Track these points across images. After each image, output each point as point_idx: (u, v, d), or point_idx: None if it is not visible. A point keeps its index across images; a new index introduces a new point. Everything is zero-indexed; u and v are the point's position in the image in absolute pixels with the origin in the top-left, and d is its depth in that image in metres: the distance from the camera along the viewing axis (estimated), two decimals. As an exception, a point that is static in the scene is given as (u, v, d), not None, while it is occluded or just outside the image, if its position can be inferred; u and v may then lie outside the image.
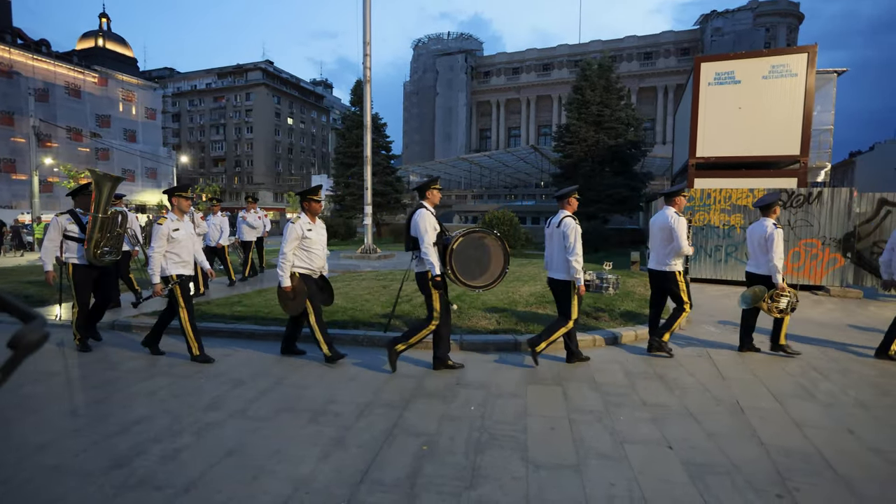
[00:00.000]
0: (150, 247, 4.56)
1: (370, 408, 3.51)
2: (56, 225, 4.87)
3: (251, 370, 4.32)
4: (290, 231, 4.41)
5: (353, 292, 7.80)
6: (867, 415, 3.59)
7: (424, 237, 4.09)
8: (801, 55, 11.29)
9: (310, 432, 3.11)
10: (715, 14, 50.90)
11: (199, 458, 2.77)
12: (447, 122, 60.32)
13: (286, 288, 4.38)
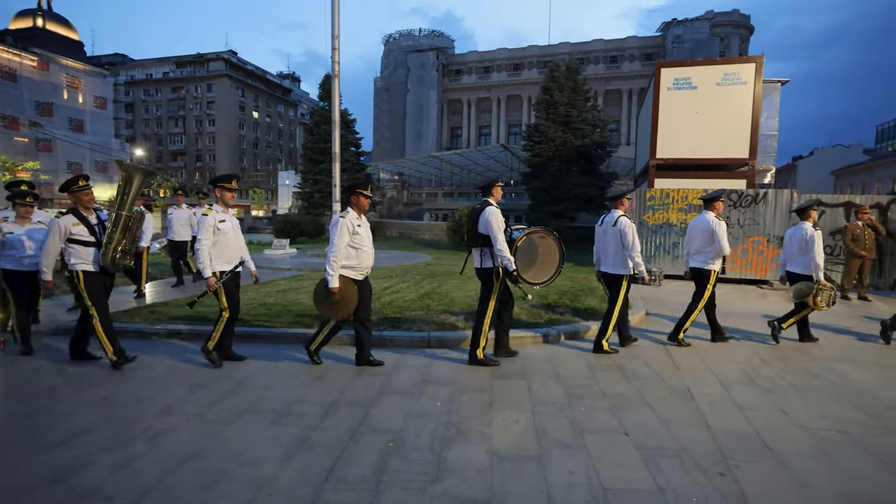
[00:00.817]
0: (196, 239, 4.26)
1: (336, 407, 3.55)
2: (58, 229, 4.17)
3: (213, 373, 4.25)
4: (340, 227, 4.15)
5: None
6: (799, 397, 3.90)
7: (499, 235, 4.28)
8: (749, 65, 11.90)
9: (273, 433, 3.12)
10: (675, 22, 52.72)
11: (153, 466, 2.70)
12: (418, 119, 60.18)
13: (333, 289, 4.09)
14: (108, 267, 4.32)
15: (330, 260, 4.11)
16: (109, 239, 4.28)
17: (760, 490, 2.55)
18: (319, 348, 4.50)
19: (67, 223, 4.22)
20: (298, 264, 11.90)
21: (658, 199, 10.63)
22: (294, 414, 3.41)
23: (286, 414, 3.41)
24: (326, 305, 4.22)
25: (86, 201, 4.35)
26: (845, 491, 2.57)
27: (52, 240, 4.20)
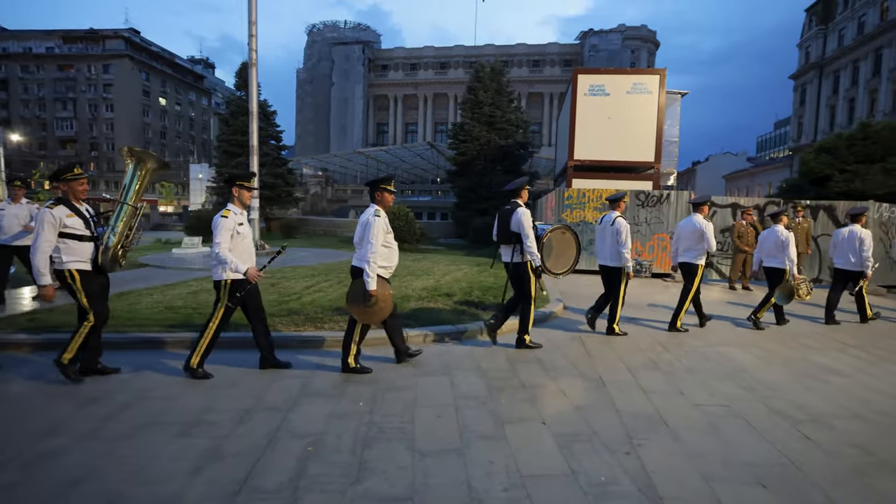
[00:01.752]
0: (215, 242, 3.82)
1: (251, 413, 3.37)
2: (51, 220, 3.65)
3: (108, 385, 3.84)
4: (376, 225, 3.96)
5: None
6: (693, 378, 4.33)
7: (530, 234, 4.71)
8: (654, 76, 12.98)
9: (179, 446, 2.89)
10: (592, 32, 56.10)
11: (30, 497, 2.38)
12: (343, 113, 58.71)
13: (372, 292, 3.91)
14: (106, 265, 3.87)
15: (369, 261, 3.91)
16: (112, 233, 3.86)
17: (659, 464, 2.79)
18: (358, 355, 4.20)
19: (61, 214, 3.69)
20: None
21: (575, 198, 11.25)
22: (204, 423, 3.19)
23: (194, 424, 3.18)
24: (361, 310, 4.01)
25: (80, 191, 3.87)
26: (728, 458, 2.88)
27: (45, 234, 3.63)
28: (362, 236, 4.05)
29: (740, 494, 2.52)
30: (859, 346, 5.70)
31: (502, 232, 4.93)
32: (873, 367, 4.87)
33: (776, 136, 64.87)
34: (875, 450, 3.06)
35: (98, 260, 3.84)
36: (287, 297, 6.95)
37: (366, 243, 3.98)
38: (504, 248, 5.00)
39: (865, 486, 2.65)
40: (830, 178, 16.33)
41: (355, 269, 4.12)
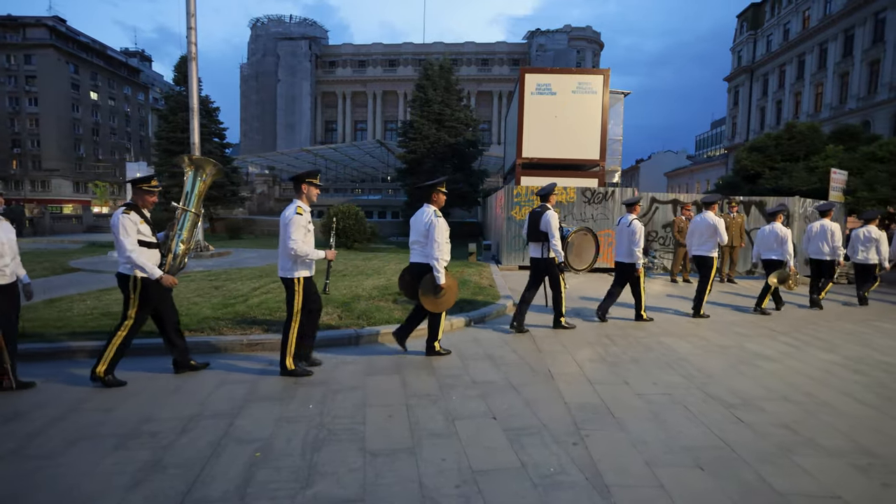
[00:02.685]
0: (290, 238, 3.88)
1: (196, 421, 3.21)
2: (132, 227, 3.70)
3: (35, 398, 3.56)
4: (441, 225, 4.40)
5: (178, 296, 6.90)
6: (638, 368, 4.52)
7: (556, 234, 5.45)
8: (599, 76, 13.44)
9: (115, 460, 2.71)
10: (539, 32, 57.31)
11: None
12: (290, 111, 57.01)
13: (443, 284, 4.34)
14: (173, 272, 3.97)
15: (437, 257, 4.36)
16: (179, 240, 3.97)
17: (605, 453, 2.89)
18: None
19: (136, 220, 3.75)
20: (151, 267, 10.50)
21: (524, 195, 11.47)
22: (143, 434, 3.01)
23: (133, 436, 2.99)
24: (432, 300, 4.44)
25: (150, 202, 3.95)
26: (669, 444, 3.02)
27: (131, 238, 3.69)
28: (425, 235, 4.47)
29: (680, 477, 2.65)
30: (786, 333, 6.15)
31: (532, 231, 5.67)
32: (799, 353, 5.26)
33: (713, 135, 68.93)
34: (799, 429, 3.31)
35: (165, 267, 3.92)
36: (233, 300, 6.67)
37: (431, 241, 4.39)
38: (533, 245, 5.75)
39: (790, 462, 2.85)
40: (761, 175, 17.52)
41: (419, 266, 4.55)
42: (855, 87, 31.67)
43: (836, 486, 2.60)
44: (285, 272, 4.07)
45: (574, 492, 2.50)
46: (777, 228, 7.36)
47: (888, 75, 29.05)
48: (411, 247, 4.69)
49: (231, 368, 4.25)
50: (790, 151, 17.38)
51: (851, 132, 18.61)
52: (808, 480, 2.65)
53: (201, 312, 5.82)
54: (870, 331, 6.42)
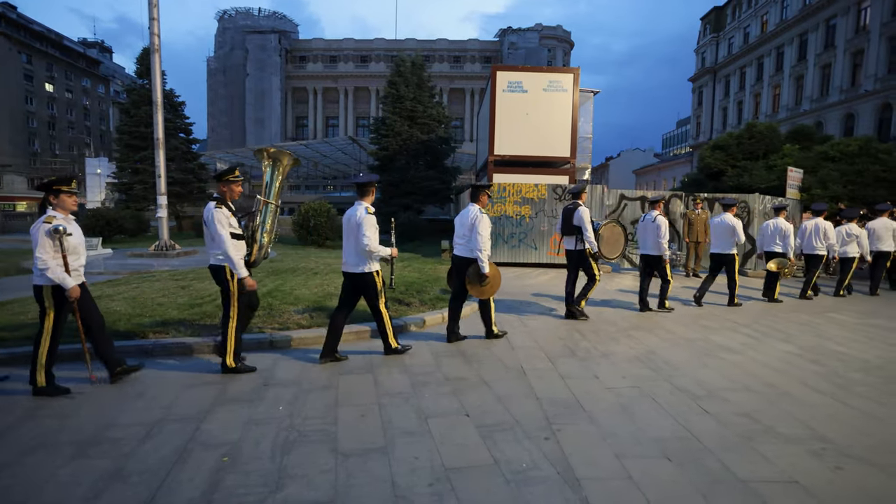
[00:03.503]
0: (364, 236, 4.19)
1: (160, 426, 3.10)
2: (225, 220, 3.83)
3: (-16, 406, 3.37)
4: (485, 221, 4.92)
5: (142, 296, 6.68)
6: (607, 362, 4.61)
7: (588, 228, 6.11)
8: (569, 75, 13.62)
9: (73, 470, 2.59)
10: (511, 30, 57.65)
11: None
12: (259, 106, 55.64)
13: (487, 273, 4.88)
14: (258, 262, 4.20)
15: (482, 248, 4.85)
16: (263, 231, 4.16)
17: (577, 447, 2.94)
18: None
19: (227, 214, 3.87)
20: (115, 266, 10.11)
21: (496, 192, 11.53)
22: (104, 442, 2.88)
23: (92, 443, 2.86)
24: (478, 288, 4.98)
25: (237, 193, 4.06)
26: (638, 436, 3.10)
27: (226, 233, 3.81)
28: (470, 229, 4.96)
29: (648, 468, 2.71)
30: (748, 325, 6.38)
31: (566, 225, 6.31)
32: (760, 344, 5.47)
33: (679, 134, 70.85)
34: (760, 417, 3.44)
35: (251, 258, 4.11)
36: (200, 300, 6.48)
37: (475, 235, 4.89)
38: (567, 238, 6.37)
39: (751, 449, 2.96)
40: (724, 172, 18.12)
41: (462, 259, 5.09)
42: (809, 89, 33.10)
43: (794, 471, 2.71)
44: (356, 267, 4.38)
45: (546, 486, 2.52)
46: (781, 224, 8.18)
47: (839, 79, 30.49)
48: (455, 242, 5.19)
49: (199, 370, 4.13)
50: (750, 150, 18.04)
51: (806, 132, 19.45)
52: (768, 467, 2.76)
53: (167, 314, 5.62)
54: (824, 322, 6.74)
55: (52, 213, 3.50)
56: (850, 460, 2.86)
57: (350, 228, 4.35)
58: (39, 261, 3.37)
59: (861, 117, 28.73)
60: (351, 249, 4.37)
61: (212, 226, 3.84)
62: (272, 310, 5.90)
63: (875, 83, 27.78)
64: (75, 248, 3.56)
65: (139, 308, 5.86)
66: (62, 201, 3.55)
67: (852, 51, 29.75)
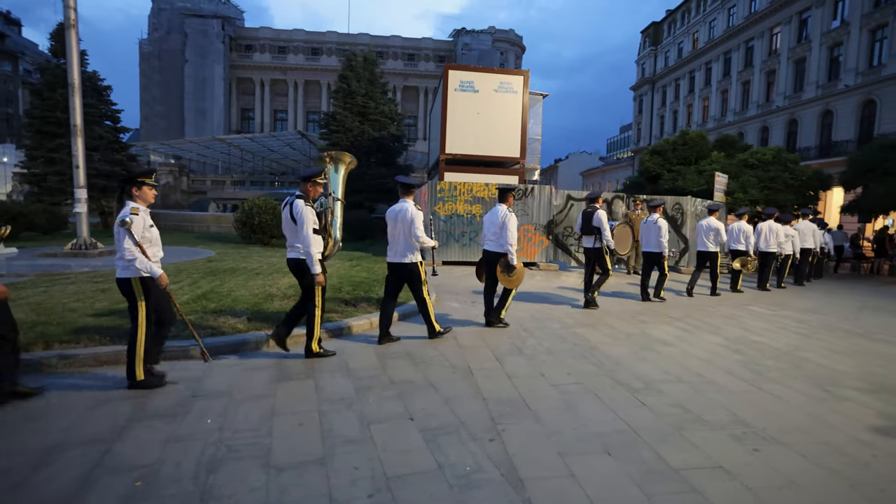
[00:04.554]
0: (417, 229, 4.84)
1: (60, 450, 2.74)
2: (311, 218, 4.19)
3: None
4: (513, 220, 5.62)
5: (49, 301, 5.99)
6: (553, 359, 4.66)
7: (607, 228, 7.03)
8: (519, 77, 13.83)
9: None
10: (465, 31, 58.00)
11: None
12: (200, 95, 52.58)
13: (515, 265, 5.58)
14: (331, 256, 4.60)
15: (511, 243, 5.56)
16: (336, 227, 4.61)
17: (521, 447, 2.91)
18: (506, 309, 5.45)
19: (313, 211, 4.25)
20: (20, 268, 9.02)
21: (447, 191, 11.50)
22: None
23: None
24: (506, 278, 5.63)
25: (318, 193, 4.44)
26: (581, 432, 3.12)
27: (311, 230, 4.19)
28: (500, 227, 5.61)
29: (589, 464, 2.73)
30: (681, 319, 6.70)
31: (586, 226, 7.15)
32: (691, 336, 5.75)
33: (622, 139, 74.03)
34: (690, 407, 3.58)
35: (326, 251, 4.52)
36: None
37: (506, 232, 5.57)
38: (586, 237, 7.25)
39: (683, 438, 3.07)
40: (661, 176, 19.10)
41: (491, 254, 5.73)
42: (732, 102, 35.84)
43: (718, 456, 2.85)
44: (403, 258, 4.93)
45: (490, 489, 2.47)
46: (743, 226, 9.34)
47: (756, 94, 33.31)
48: (484, 238, 5.84)
49: (113, 385, 3.70)
50: (684, 156, 19.13)
51: (730, 141, 20.94)
52: (697, 454, 2.87)
53: (78, 321, 5.06)
54: (745, 314, 7.23)
55: (134, 204, 3.57)
56: (766, 442, 3.06)
57: (399, 223, 4.90)
58: (127, 252, 3.44)
59: (774, 129, 31.46)
60: (399, 242, 4.92)
61: (299, 221, 4.17)
62: (205, 314, 5.51)
63: (784, 100, 30.60)
64: (156, 239, 3.70)
65: (45, 315, 5.21)
66: (144, 193, 3.64)
67: (766, 70, 32.57)
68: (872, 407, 3.71)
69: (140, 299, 3.54)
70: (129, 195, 3.61)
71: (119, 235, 3.46)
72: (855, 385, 4.20)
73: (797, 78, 30.09)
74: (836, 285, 11.39)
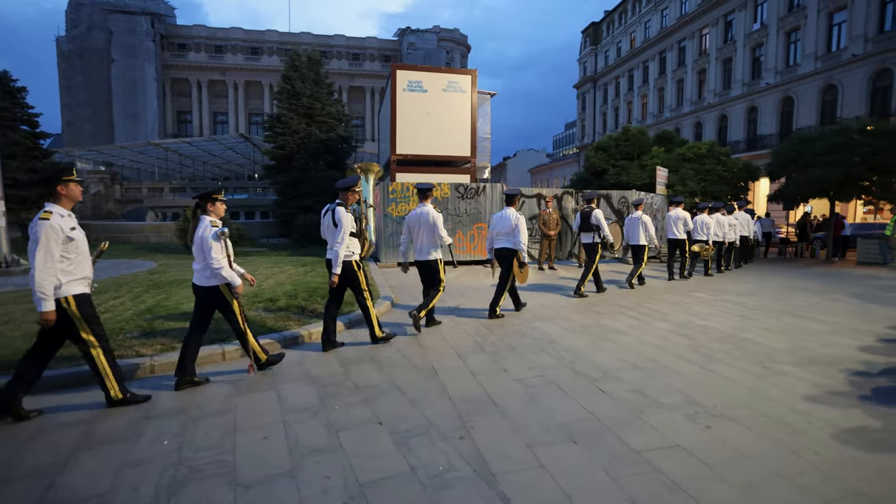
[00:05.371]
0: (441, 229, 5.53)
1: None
2: (350, 223, 4.73)
3: None
4: (523, 221, 6.17)
5: (-25, 324, 5.50)
6: (514, 354, 4.76)
7: (604, 226, 8.14)
8: (467, 76, 13.96)
9: None
10: (410, 30, 57.81)
11: None
12: (131, 97, 49.37)
13: (525, 262, 6.24)
14: (366, 257, 5.08)
15: (523, 242, 6.09)
16: (370, 231, 5.18)
17: (490, 442, 2.96)
18: None
19: (351, 217, 4.75)
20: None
21: (399, 192, 11.45)
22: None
23: None
24: (519, 273, 6.32)
25: (354, 201, 4.89)
26: (546, 424, 3.21)
27: (349, 233, 4.68)
28: (512, 229, 6.14)
29: (557, 454, 2.82)
30: (632, 308, 7.02)
31: (584, 224, 8.26)
32: (643, 325, 6.04)
33: (567, 136, 76.34)
34: (647, 391, 3.77)
35: (362, 252, 5.00)
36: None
37: (518, 232, 6.07)
38: (584, 234, 8.33)
39: (642, 421, 3.23)
40: (606, 171, 19.85)
41: (503, 250, 6.30)
42: (669, 99, 37.97)
43: (675, 436, 3.03)
44: (427, 256, 5.64)
45: (463, 486, 2.50)
46: (705, 221, 10.41)
47: (689, 92, 35.50)
48: (497, 237, 6.37)
49: (55, 409, 3.44)
50: (626, 151, 20.00)
51: (668, 137, 22.12)
52: (656, 435, 3.03)
53: (9, 345, 4.64)
54: (690, 301, 7.67)
55: (212, 218, 3.89)
56: (716, 419, 3.28)
57: (422, 225, 5.56)
58: (215, 261, 3.74)
59: (707, 125, 33.66)
60: (424, 242, 5.59)
61: (341, 224, 4.65)
62: (153, 330, 5.21)
63: (715, 97, 32.80)
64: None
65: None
66: (217, 208, 3.98)
67: (698, 69, 34.76)
68: (805, 379, 4.05)
69: (231, 300, 3.93)
70: (205, 210, 3.95)
71: (205, 246, 3.75)
72: (789, 360, 4.57)
73: (725, 76, 32.24)
74: (766, 269, 12.31)
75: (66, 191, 3.33)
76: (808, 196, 14.13)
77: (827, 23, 25.01)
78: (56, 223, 3.16)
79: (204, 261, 3.77)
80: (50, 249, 3.11)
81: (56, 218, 3.20)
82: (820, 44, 25.26)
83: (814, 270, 11.98)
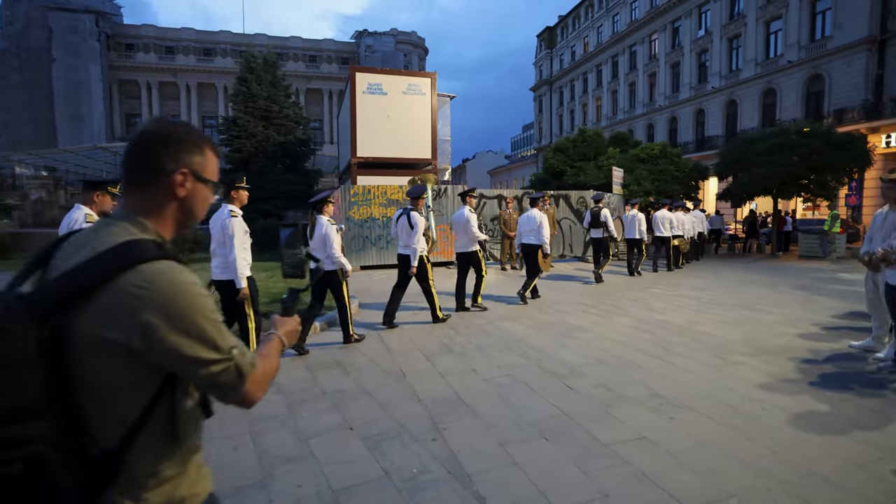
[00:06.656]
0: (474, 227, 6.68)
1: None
2: (423, 224, 5.86)
3: None
4: (546, 220, 7.32)
5: None
6: (482, 354, 4.80)
7: (611, 223, 9.37)
8: (426, 79, 14.02)
9: None
10: (367, 33, 57.36)
11: None
12: (74, 99, 46.49)
13: (548, 254, 7.37)
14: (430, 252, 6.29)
15: (546, 237, 7.23)
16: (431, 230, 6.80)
17: (463, 442, 2.97)
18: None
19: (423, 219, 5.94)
20: None
21: (361, 195, 11.34)
22: None
23: None
24: (544, 263, 7.35)
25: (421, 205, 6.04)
26: (517, 421, 3.25)
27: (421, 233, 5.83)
28: (537, 227, 7.23)
29: (529, 451, 2.86)
30: (594, 305, 7.22)
31: (594, 221, 9.45)
32: (605, 321, 6.22)
33: (525, 138, 77.73)
34: (613, 386, 3.88)
35: (427, 252, 6.05)
36: None
37: (542, 230, 7.19)
38: (594, 230, 9.54)
39: (609, 415, 3.33)
40: (564, 172, 20.36)
41: (528, 246, 7.40)
42: (622, 102, 39.39)
43: (641, 428, 3.13)
44: (467, 248, 6.72)
45: (438, 488, 2.50)
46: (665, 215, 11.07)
47: (641, 94, 37.00)
48: (524, 235, 7.45)
49: None
50: (583, 152, 20.59)
51: (623, 138, 22.96)
52: (623, 428, 3.13)
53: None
54: (648, 296, 7.97)
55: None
56: (679, 410, 3.42)
57: (462, 224, 6.70)
58: (336, 252, 4.81)
59: (658, 126, 35.14)
60: (464, 238, 6.70)
61: (415, 226, 5.68)
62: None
63: (665, 100, 34.34)
64: None
65: None
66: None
67: (648, 73, 36.28)
68: (758, 368, 4.29)
69: (342, 280, 4.98)
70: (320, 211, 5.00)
71: (328, 237, 4.79)
72: (742, 351, 4.82)
73: (674, 80, 33.79)
74: (718, 264, 12.96)
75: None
76: (753, 194, 14.98)
77: (765, 31, 26.61)
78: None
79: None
80: None
81: None
82: (759, 50, 26.84)
83: (761, 265, 12.70)
